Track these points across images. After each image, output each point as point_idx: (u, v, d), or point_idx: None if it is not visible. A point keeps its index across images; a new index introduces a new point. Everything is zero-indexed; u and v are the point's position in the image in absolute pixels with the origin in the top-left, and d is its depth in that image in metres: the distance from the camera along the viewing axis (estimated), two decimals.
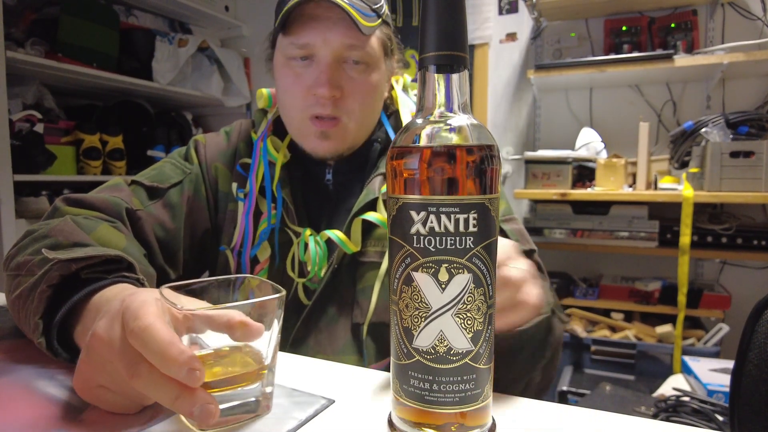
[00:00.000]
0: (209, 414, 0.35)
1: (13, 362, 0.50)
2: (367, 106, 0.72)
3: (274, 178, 0.75)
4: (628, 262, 2.12)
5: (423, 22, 0.35)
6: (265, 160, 0.76)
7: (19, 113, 1.83)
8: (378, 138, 0.78)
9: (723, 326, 1.71)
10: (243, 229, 0.74)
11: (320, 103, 0.69)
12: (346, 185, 0.77)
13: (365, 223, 0.71)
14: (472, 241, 0.33)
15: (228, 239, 0.77)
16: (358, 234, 0.71)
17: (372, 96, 0.72)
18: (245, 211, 0.75)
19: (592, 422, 0.41)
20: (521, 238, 0.74)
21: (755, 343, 0.76)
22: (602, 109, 2.16)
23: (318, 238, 0.72)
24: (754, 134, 1.68)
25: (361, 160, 0.77)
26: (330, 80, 0.67)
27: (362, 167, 0.77)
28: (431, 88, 0.36)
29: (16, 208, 1.78)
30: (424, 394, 0.35)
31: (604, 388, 1.38)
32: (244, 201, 0.75)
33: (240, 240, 0.75)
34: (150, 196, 0.72)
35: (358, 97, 0.70)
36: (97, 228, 0.59)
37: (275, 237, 0.74)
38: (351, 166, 0.77)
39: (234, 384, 0.38)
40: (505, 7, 2.27)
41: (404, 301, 0.35)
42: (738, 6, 1.92)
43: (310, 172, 0.78)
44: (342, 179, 0.77)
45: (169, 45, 2.38)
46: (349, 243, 0.70)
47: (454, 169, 0.33)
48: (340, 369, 0.52)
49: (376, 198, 0.71)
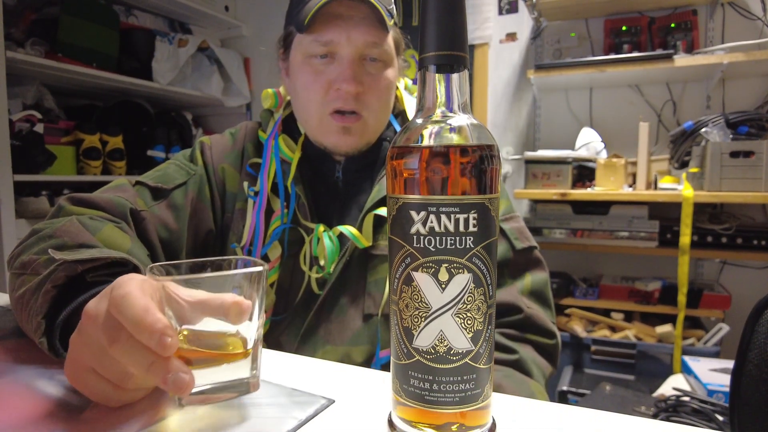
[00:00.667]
0: (182, 383, 0.35)
1: (13, 362, 0.50)
2: (384, 102, 0.75)
3: (287, 176, 0.76)
4: (628, 262, 2.12)
5: (423, 22, 0.35)
6: (277, 159, 0.77)
7: (19, 113, 1.83)
8: (387, 137, 0.80)
9: (723, 326, 1.71)
10: (254, 227, 0.75)
11: (342, 98, 0.71)
12: (356, 183, 0.79)
13: (376, 217, 0.73)
14: (472, 241, 0.33)
15: (237, 237, 0.77)
16: (370, 229, 0.73)
17: (389, 92, 0.75)
18: (256, 209, 0.76)
19: (592, 422, 0.41)
20: (520, 236, 0.75)
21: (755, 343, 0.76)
22: (602, 109, 2.16)
23: (331, 233, 0.73)
24: (754, 134, 1.68)
25: (371, 158, 0.79)
26: (355, 76, 0.70)
27: (371, 165, 0.79)
28: (431, 88, 0.36)
29: (16, 208, 1.78)
30: (424, 394, 0.35)
31: (604, 388, 1.38)
32: (255, 199, 0.76)
33: (250, 238, 0.75)
34: (154, 196, 0.72)
35: (377, 93, 0.73)
36: (102, 228, 0.59)
37: (285, 236, 0.76)
38: (360, 164, 0.79)
39: (219, 362, 0.39)
40: (505, 7, 2.27)
41: (404, 301, 0.35)
42: (738, 6, 1.92)
43: (319, 170, 0.80)
44: (351, 177, 0.79)
45: (169, 45, 2.38)
46: (362, 238, 0.72)
47: (454, 169, 0.33)
48: (340, 368, 0.52)
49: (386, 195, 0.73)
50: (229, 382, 0.40)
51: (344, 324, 0.72)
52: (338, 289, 0.73)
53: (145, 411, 0.41)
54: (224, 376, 0.39)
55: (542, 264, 0.77)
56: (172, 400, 0.41)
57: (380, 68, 0.73)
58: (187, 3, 2.41)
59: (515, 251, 0.74)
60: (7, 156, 1.71)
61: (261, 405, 0.42)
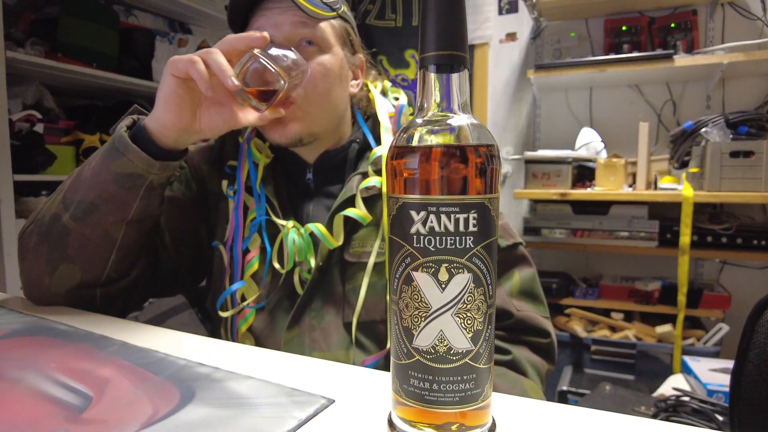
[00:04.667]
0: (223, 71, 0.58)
1: (13, 362, 0.50)
2: (320, 86, 0.72)
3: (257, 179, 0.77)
4: (628, 261, 2.12)
5: (423, 22, 0.35)
6: (250, 161, 0.78)
7: (19, 113, 1.83)
8: (356, 139, 0.80)
9: (723, 326, 1.71)
10: (233, 224, 0.77)
11: None
12: (326, 185, 0.80)
13: (349, 223, 0.73)
14: (472, 240, 0.33)
15: (221, 235, 0.79)
16: (340, 229, 0.73)
17: (325, 77, 0.73)
18: (234, 207, 0.77)
19: (591, 422, 0.41)
20: (505, 233, 0.76)
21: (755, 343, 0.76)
22: (602, 108, 2.16)
23: (302, 230, 0.74)
24: (754, 134, 1.68)
25: (340, 161, 0.79)
26: None
27: (341, 167, 0.80)
28: (431, 88, 0.36)
29: (16, 207, 1.78)
30: (424, 394, 0.35)
31: (604, 388, 1.38)
32: (233, 198, 0.78)
33: (231, 234, 0.77)
34: None
35: (311, 76, 0.71)
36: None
37: (263, 229, 0.76)
38: (330, 166, 0.79)
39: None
40: (505, 7, 2.27)
41: (404, 300, 0.35)
42: (738, 6, 1.92)
43: (291, 172, 0.81)
44: (322, 179, 0.80)
45: (169, 45, 2.38)
46: (330, 238, 0.72)
47: (454, 168, 0.33)
48: (340, 369, 0.52)
49: (354, 195, 0.73)
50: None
51: (327, 331, 0.72)
52: (318, 294, 0.74)
53: (145, 410, 0.41)
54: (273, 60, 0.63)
55: (528, 260, 0.77)
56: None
57: (315, 52, 0.71)
58: (187, 3, 2.41)
59: (500, 249, 0.74)
60: (7, 156, 1.71)
61: (261, 405, 0.42)
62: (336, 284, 0.74)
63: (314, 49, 0.72)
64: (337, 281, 0.74)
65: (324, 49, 0.73)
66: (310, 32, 0.71)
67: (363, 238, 0.74)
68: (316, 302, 0.74)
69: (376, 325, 0.72)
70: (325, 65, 0.72)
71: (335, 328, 0.72)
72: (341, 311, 0.73)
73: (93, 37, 2.06)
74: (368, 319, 0.71)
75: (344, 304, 0.73)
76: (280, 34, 0.70)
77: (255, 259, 0.75)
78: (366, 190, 0.73)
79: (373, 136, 0.79)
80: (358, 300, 0.71)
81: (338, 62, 0.74)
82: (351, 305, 0.72)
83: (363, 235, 0.74)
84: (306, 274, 0.74)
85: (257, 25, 0.72)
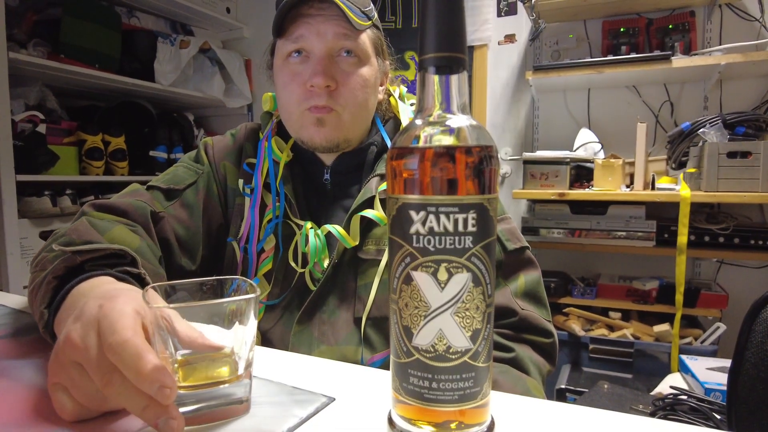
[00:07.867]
0: (171, 429, 0.35)
1: (13, 362, 0.50)
2: (360, 99, 0.75)
3: (277, 176, 0.79)
4: (626, 261, 2.12)
5: (422, 23, 0.35)
6: (270, 159, 0.80)
7: (22, 114, 1.83)
8: (375, 142, 0.81)
9: (720, 325, 1.72)
10: (249, 222, 0.78)
11: (316, 94, 0.72)
12: (343, 186, 0.81)
13: (365, 222, 0.74)
14: (471, 240, 0.34)
15: (235, 231, 0.80)
16: (357, 229, 0.74)
17: (364, 89, 0.75)
18: (251, 205, 0.78)
19: (589, 420, 0.41)
20: (512, 237, 0.76)
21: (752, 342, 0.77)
22: (600, 109, 2.17)
23: (319, 231, 0.75)
24: (752, 135, 1.68)
25: (358, 163, 0.81)
26: (324, 71, 0.71)
27: (359, 169, 0.81)
28: (430, 89, 0.36)
29: (19, 208, 1.78)
30: (423, 392, 0.35)
31: (602, 387, 1.39)
32: (250, 196, 0.79)
33: (246, 232, 0.78)
34: (168, 197, 0.76)
35: (349, 88, 0.74)
36: (113, 229, 0.63)
37: (279, 229, 0.78)
38: (348, 168, 0.81)
39: (210, 384, 0.39)
40: (504, 8, 2.28)
41: (404, 300, 0.35)
42: (735, 7, 1.92)
43: (309, 172, 0.82)
44: (339, 179, 0.81)
45: (171, 46, 2.39)
46: (348, 238, 0.73)
47: (453, 169, 0.34)
48: (341, 367, 0.52)
49: (373, 196, 0.75)
50: (219, 402, 0.39)
51: (336, 325, 0.73)
52: (330, 290, 0.75)
53: None
54: (214, 397, 0.39)
55: (534, 263, 0.77)
56: None
57: (353, 64, 0.73)
58: (189, 5, 2.41)
59: (507, 252, 0.75)
60: (10, 156, 1.72)
61: (261, 403, 0.43)
62: (348, 280, 0.75)
63: (354, 60, 0.73)
64: (349, 277, 0.75)
65: (363, 60, 0.75)
66: (352, 44, 0.72)
67: (378, 236, 0.75)
68: (328, 298, 0.75)
69: (387, 321, 0.73)
70: (364, 77, 0.75)
71: (345, 323, 0.73)
72: (352, 306, 0.74)
73: (95, 38, 2.06)
74: (379, 315, 0.73)
75: (356, 299, 0.74)
76: (323, 44, 0.71)
77: (269, 259, 0.77)
78: (384, 192, 0.74)
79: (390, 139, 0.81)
80: (370, 295, 0.72)
81: (374, 73, 0.77)
82: (362, 301, 0.73)
83: (378, 234, 0.75)
84: (318, 273, 0.76)
85: (298, 33, 0.72)
